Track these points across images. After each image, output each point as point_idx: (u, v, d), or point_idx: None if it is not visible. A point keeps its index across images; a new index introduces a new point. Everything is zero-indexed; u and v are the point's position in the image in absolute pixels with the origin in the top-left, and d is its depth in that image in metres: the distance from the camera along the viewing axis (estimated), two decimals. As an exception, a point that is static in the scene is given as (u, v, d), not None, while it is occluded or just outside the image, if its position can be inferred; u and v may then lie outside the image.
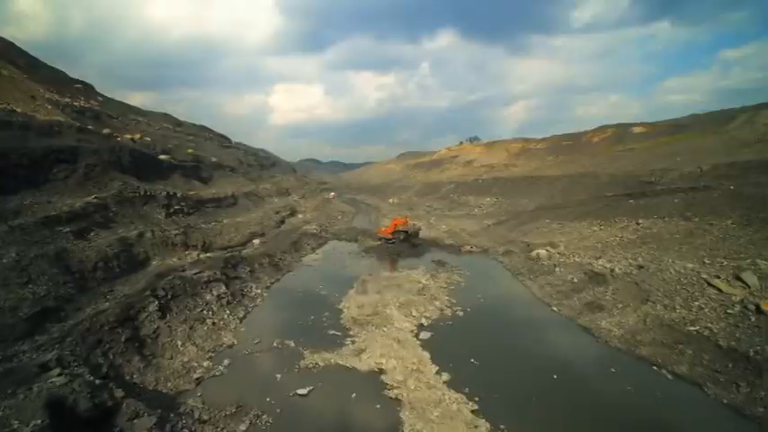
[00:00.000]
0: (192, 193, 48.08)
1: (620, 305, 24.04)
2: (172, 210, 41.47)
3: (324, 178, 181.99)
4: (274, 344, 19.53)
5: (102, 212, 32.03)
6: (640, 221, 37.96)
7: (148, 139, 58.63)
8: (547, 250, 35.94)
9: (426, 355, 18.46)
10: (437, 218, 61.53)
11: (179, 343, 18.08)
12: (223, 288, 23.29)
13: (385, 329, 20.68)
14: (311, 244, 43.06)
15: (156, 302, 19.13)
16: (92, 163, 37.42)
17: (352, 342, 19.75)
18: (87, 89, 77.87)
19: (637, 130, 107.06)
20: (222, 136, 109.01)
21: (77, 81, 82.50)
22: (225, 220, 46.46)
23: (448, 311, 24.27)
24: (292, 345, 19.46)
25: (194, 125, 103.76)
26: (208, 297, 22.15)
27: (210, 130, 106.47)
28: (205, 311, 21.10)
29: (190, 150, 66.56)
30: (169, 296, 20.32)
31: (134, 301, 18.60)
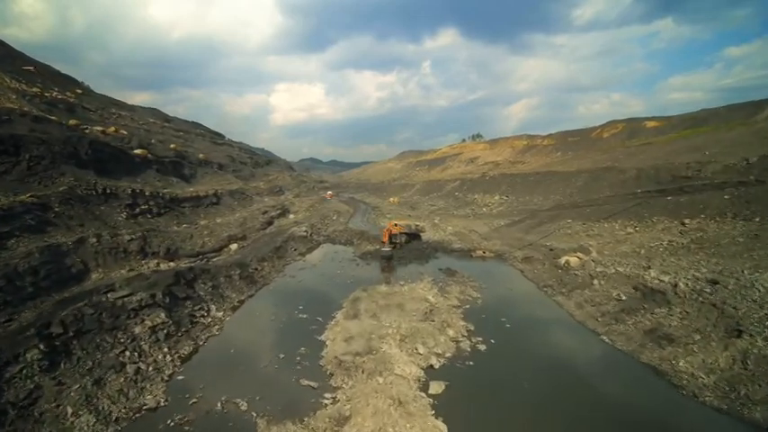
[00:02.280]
0: (166, 191, 41.78)
1: (697, 336, 17.54)
2: (137, 210, 35.13)
3: (323, 177, 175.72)
4: (218, 405, 13.15)
5: (39, 213, 25.69)
6: (686, 222, 31.42)
7: (124, 132, 52.40)
8: (578, 257, 29.43)
9: (442, 426, 12.04)
10: (442, 218, 55.05)
11: (69, 411, 11.73)
12: (162, 316, 16.91)
13: (380, 379, 14.24)
14: (299, 249, 36.64)
15: (42, 346, 12.74)
16: (38, 155, 31.12)
17: (333, 401, 13.34)
18: (67, 81, 72.15)
19: (649, 124, 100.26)
20: (216, 133, 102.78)
21: (61, 74, 76.72)
22: (202, 222, 40.18)
23: (466, 345, 17.82)
24: (244, 406, 13.07)
25: (185, 121, 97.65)
26: (137, 330, 15.78)
27: (203, 127, 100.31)
28: (128, 353, 14.73)
29: (173, 146, 60.32)
30: (71, 333, 13.95)
31: (2, 346, 12.21)
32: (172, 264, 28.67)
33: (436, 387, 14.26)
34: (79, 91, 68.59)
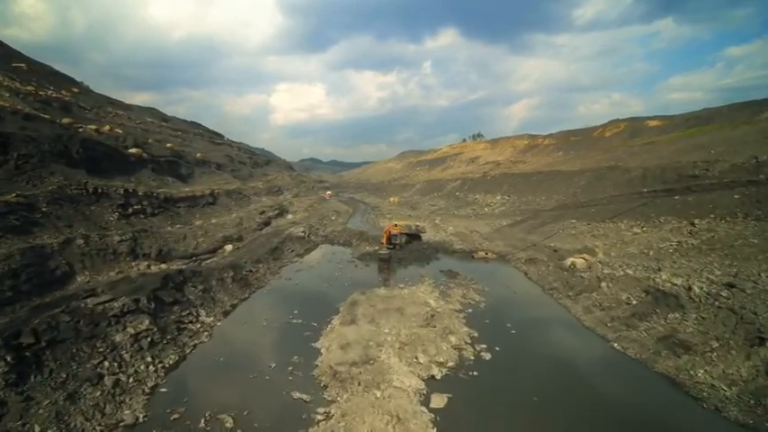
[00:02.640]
0: (161, 190, 40.78)
1: (715, 344, 16.45)
2: (130, 210, 34.16)
3: (323, 177, 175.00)
4: (202, 421, 12.07)
5: (25, 214, 24.75)
6: (695, 222, 30.33)
7: (119, 131, 51.44)
8: (584, 258, 28.33)
9: (445, 446, 10.97)
10: (443, 218, 53.99)
11: (36, 429, 10.67)
12: (146, 322, 15.83)
13: (377, 392, 13.17)
14: (296, 250, 35.57)
15: (9, 358, 11.69)
16: (27, 153, 30.20)
17: (326, 417, 12.25)
18: (63, 80, 71.26)
19: (652, 123, 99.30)
20: (214, 132, 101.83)
21: (58, 73, 75.83)
22: (197, 222, 39.14)
23: (469, 353, 16.74)
24: (230, 423, 12.00)
25: (184, 121, 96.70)
26: (117, 338, 14.70)
27: (201, 126, 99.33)
28: (107, 363, 13.67)
29: (170, 145, 59.36)
30: (44, 343, 12.88)
31: (-36, 359, 11.16)
32: (163, 266, 27.66)
33: (438, 400, 13.18)
34: (75, 90, 67.67)
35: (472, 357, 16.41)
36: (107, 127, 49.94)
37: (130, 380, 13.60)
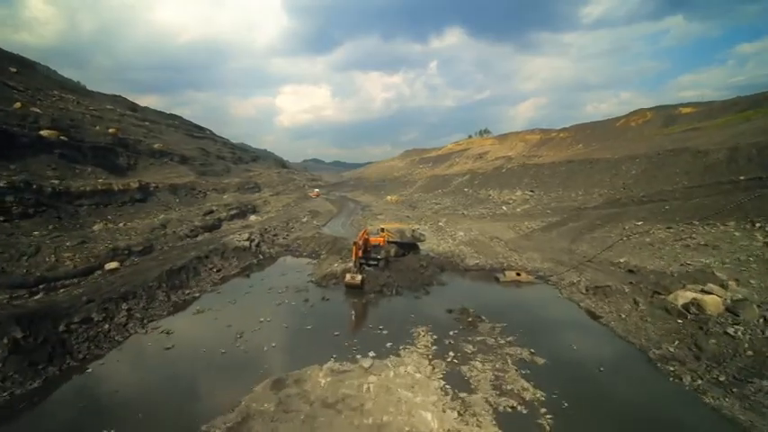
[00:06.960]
0: (52, 182, 28.33)
1: None
2: (-24, 209, 21.79)
3: (324, 177, 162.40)
4: None
5: None
6: None
7: (37, 110, 39.28)
8: (713, 293, 15.06)
9: None
10: (449, 219, 40.74)
11: None
12: None
13: None
14: (224, 269, 22.69)
15: None
16: None
17: None
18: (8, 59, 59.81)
19: (684, 110, 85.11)
20: (195, 126, 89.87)
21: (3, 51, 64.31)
22: (96, 226, 26.54)
23: None
24: None
25: (159, 112, 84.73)
26: None
27: (179, 118, 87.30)
28: None
29: (112, 130, 46.97)
30: None
31: None
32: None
33: None
34: (13, 69, 55.80)
35: None
36: (18, 104, 37.83)
37: None
